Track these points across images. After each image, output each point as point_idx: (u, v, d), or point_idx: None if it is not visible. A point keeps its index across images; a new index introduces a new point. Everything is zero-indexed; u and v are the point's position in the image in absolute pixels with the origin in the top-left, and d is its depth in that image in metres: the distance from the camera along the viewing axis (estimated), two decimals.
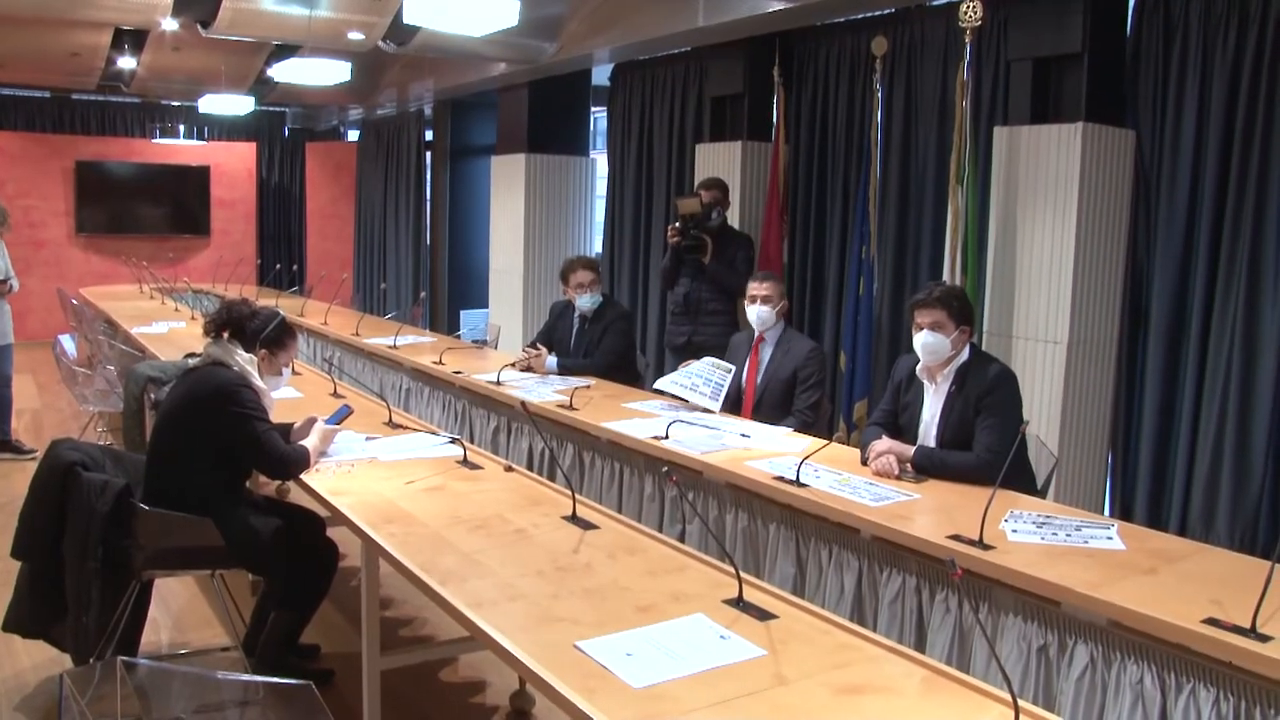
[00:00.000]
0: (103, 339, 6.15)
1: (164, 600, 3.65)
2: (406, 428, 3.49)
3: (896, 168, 5.27)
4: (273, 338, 2.96)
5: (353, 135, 11.78)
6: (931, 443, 3.07)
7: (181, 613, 3.59)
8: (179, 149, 10.90)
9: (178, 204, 10.78)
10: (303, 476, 2.85)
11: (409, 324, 6.62)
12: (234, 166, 11.06)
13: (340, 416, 3.31)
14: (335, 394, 4.14)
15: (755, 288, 3.99)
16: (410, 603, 3.68)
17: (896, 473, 2.90)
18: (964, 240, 4.40)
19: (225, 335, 2.94)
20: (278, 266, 10.57)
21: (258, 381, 2.87)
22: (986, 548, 2.29)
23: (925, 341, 3.03)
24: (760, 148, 5.90)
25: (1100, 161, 4.18)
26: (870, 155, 5.03)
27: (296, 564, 2.93)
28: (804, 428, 3.73)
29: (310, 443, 2.99)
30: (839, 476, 2.91)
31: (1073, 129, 4.13)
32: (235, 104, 8.56)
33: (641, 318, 7.02)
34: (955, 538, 2.36)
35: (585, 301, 4.67)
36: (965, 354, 3.06)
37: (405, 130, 9.97)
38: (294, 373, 4.63)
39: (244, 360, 2.88)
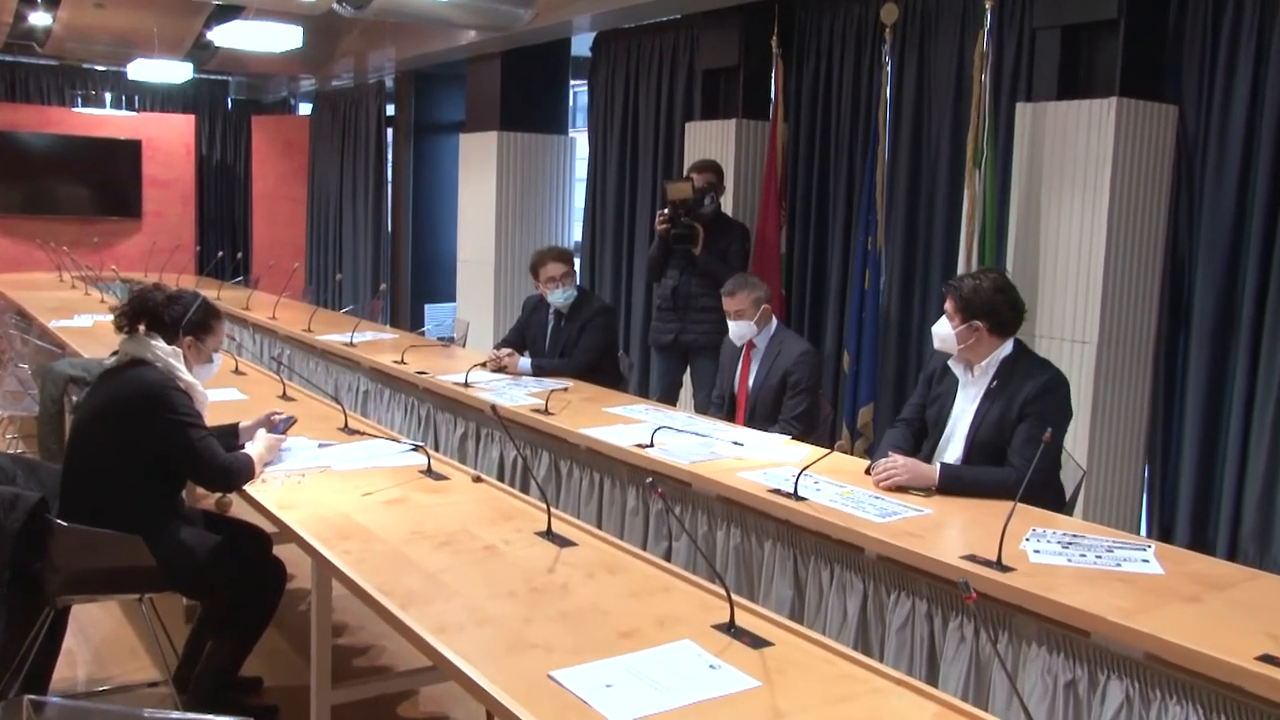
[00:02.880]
0: (14, 334, 6.09)
1: (82, 629, 3.59)
2: (364, 434, 3.48)
3: (907, 149, 5.29)
4: (197, 321, 2.91)
5: (305, 109, 11.72)
6: (959, 443, 3.08)
7: (103, 643, 3.54)
8: (106, 120, 10.75)
9: (104, 182, 10.60)
10: (246, 488, 2.83)
11: (367, 319, 6.60)
12: (169, 141, 10.95)
13: (284, 427, 3.30)
14: (285, 396, 4.12)
15: (725, 303, 4.04)
16: (366, 629, 3.67)
17: (897, 481, 2.89)
18: (981, 229, 4.42)
19: (142, 328, 2.86)
20: (220, 254, 10.48)
21: (186, 376, 2.82)
22: (1006, 569, 2.30)
23: (934, 329, 3.10)
24: (757, 127, 5.91)
25: (1137, 140, 4.18)
26: (878, 135, 5.05)
27: (238, 586, 2.90)
28: (793, 437, 3.74)
29: (254, 450, 2.97)
30: (841, 489, 2.92)
31: (1106, 105, 4.14)
32: (170, 70, 8.48)
33: (625, 313, 7.02)
34: (970, 558, 2.36)
35: (558, 296, 4.67)
36: (1008, 349, 3.07)
37: (364, 104, 9.94)
38: (238, 373, 4.61)
39: (167, 354, 2.81)
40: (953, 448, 3.13)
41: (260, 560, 3.02)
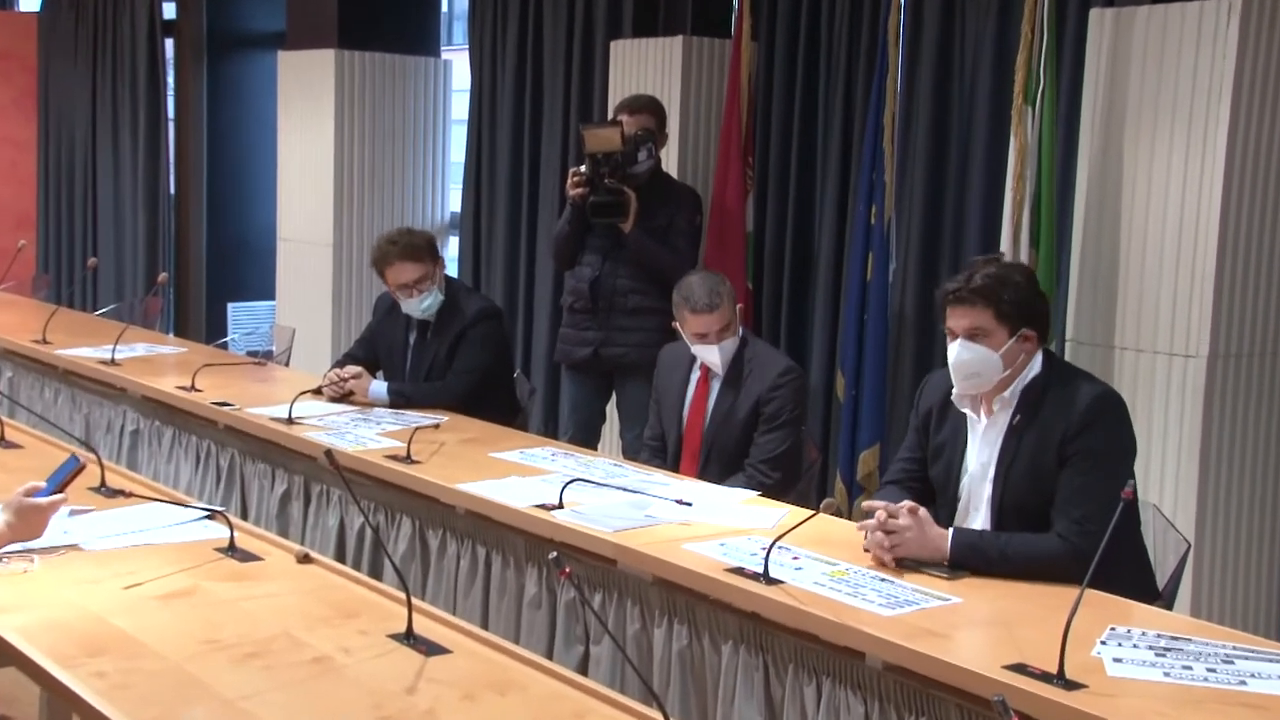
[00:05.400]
0: None
1: None
2: (131, 495, 3.43)
3: (928, 79, 5.36)
4: None
5: (30, 3, 11.52)
6: (983, 507, 3.15)
7: None
8: None
9: None
10: None
11: (138, 324, 6.51)
12: None
13: (63, 476, 3.10)
14: (3, 440, 4.05)
15: (701, 321, 4.01)
16: None
17: (903, 551, 2.94)
18: (1035, 192, 4.51)
19: None
20: None
21: None
22: (1072, 686, 2.35)
23: (960, 358, 3.10)
24: (713, 48, 5.97)
25: (1273, 60, 4.23)
26: (887, 59, 5.12)
27: None
28: (766, 491, 3.78)
29: None
30: (832, 567, 2.95)
31: (1224, 4, 4.16)
32: None
33: (522, 318, 7.02)
34: (1019, 668, 2.41)
35: (413, 306, 4.68)
36: (1036, 367, 3.15)
37: (127, 2, 9.80)
38: None
39: None
40: (974, 519, 3.20)
41: None
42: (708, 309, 4.03)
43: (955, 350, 3.11)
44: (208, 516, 3.24)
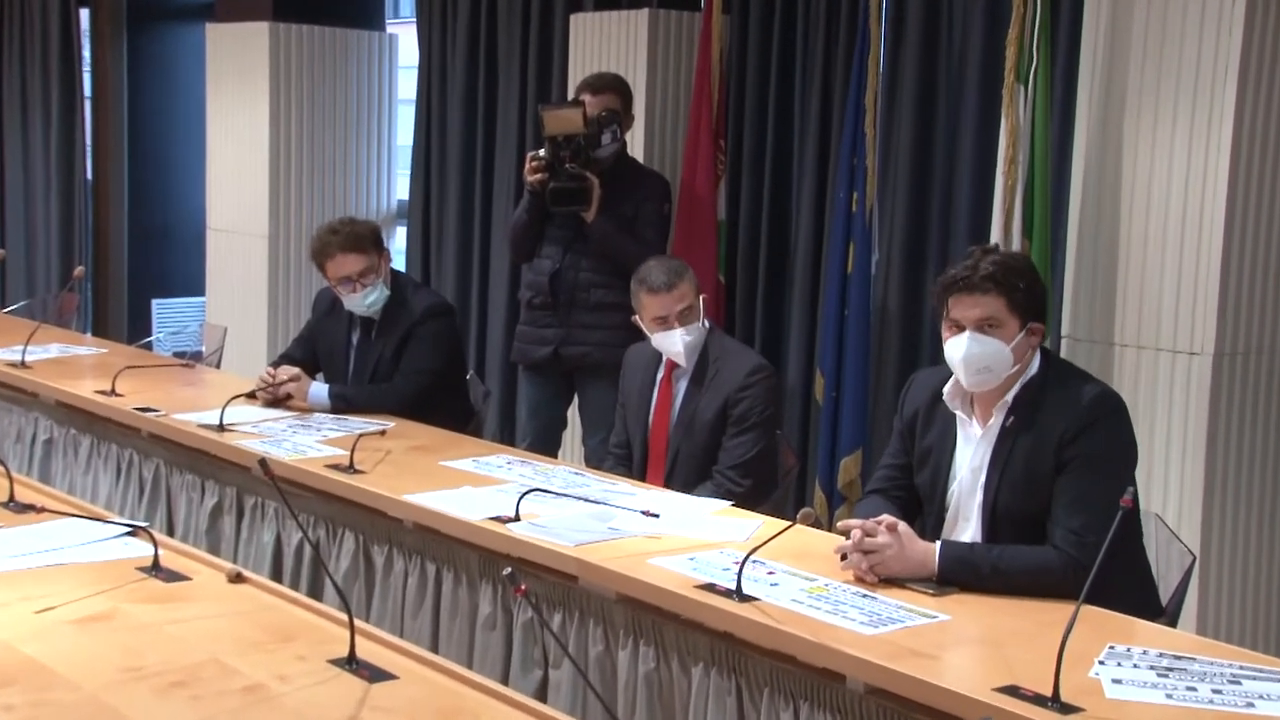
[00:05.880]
0: None
1: None
2: (44, 510, 3.40)
3: (913, 57, 5.38)
4: None
5: None
6: (973, 516, 3.16)
7: None
8: None
9: None
10: None
11: (51, 323, 6.45)
12: None
13: None
14: None
15: (659, 302, 4.04)
16: None
17: (886, 570, 2.94)
18: (1028, 179, 4.53)
19: None
20: None
21: None
22: (1068, 709, 2.35)
23: (970, 352, 3.08)
24: (681, 22, 5.97)
25: None
26: (868, 33, 5.13)
27: None
28: (736, 500, 3.78)
29: None
30: (810, 582, 2.95)
31: None
32: None
33: (477, 314, 7.02)
34: (1011, 691, 2.41)
35: (357, 302, 4.67)
36: (1034, 367, 3.16)
37: None
38: None
39: None
40: (963, 529, 3.21)
41: None
42: (665, 288, 4.04)
43: (964, 344, 3.07)
44: (129, 533, 3.21)
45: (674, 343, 4.07)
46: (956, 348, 3.10)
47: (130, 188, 9.18)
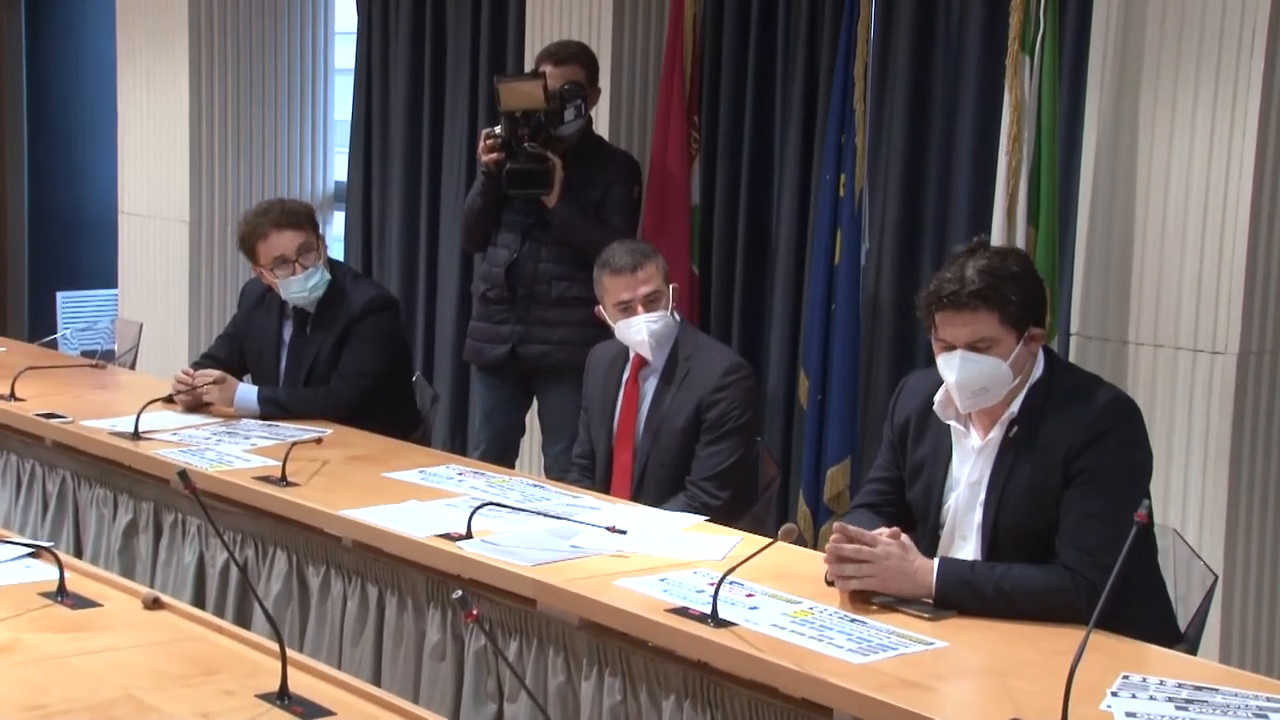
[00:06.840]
0: None
1: None
2: None
3: (907, 26, 5.39)
4: None
5: None
6: (972, 534, 3.19)
7: None
8: None
9: None
10: None
11: None
12: None
13: None
14: None
15: (623, 283, 4.06)
16: None
17: (870, 584, 2.97)
18: (1034, 160, 4.55)
19: None
20: None
21: None
22: None
23: (964, 376, 3.08)
24: None
25: None
26: (858, 4, 5.13)
27: None
28: (712, 514, 3.80)
29: None
30: (793, 606, 2.97)
31: None
32: None
33: (425, 309, 7.02)
34: None
35: (296, 288, 4.66)
36: (1038, 371, 3.18)
37: None
38: None
39: None
40: (960, 549, 3.22)
41: None
42: (630, 268, 4.07)
43: (955, 365, 3.08)
44: (31, 554, 3.20)
45: (637, 330, 4.08)
46: (949, 368, 3.10)
47: (30, 168, 9.15)
